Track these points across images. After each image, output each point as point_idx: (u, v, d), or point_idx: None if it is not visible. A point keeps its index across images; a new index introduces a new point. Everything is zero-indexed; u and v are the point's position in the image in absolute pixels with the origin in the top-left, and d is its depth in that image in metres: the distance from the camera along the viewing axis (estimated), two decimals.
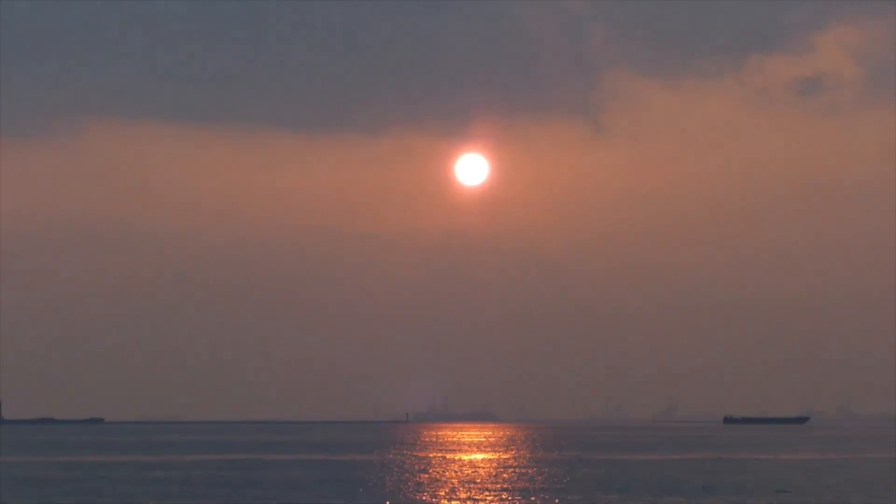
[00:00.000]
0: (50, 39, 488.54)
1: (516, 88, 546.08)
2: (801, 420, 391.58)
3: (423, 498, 66.33)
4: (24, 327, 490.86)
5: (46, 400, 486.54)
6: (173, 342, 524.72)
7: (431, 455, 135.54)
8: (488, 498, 66.22)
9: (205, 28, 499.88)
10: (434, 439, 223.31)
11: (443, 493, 70.20)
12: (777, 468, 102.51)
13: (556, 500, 63.52)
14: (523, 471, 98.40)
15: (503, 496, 67.57)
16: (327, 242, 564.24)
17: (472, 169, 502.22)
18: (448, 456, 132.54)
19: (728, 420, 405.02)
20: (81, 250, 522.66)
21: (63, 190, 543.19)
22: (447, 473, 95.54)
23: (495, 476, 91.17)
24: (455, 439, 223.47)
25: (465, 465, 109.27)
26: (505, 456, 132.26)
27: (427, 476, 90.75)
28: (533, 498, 65.78)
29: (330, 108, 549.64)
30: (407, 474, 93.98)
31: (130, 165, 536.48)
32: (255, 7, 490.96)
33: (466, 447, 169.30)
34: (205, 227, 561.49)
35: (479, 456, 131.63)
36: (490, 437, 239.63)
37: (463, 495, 66.65)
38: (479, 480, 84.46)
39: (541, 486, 77.40)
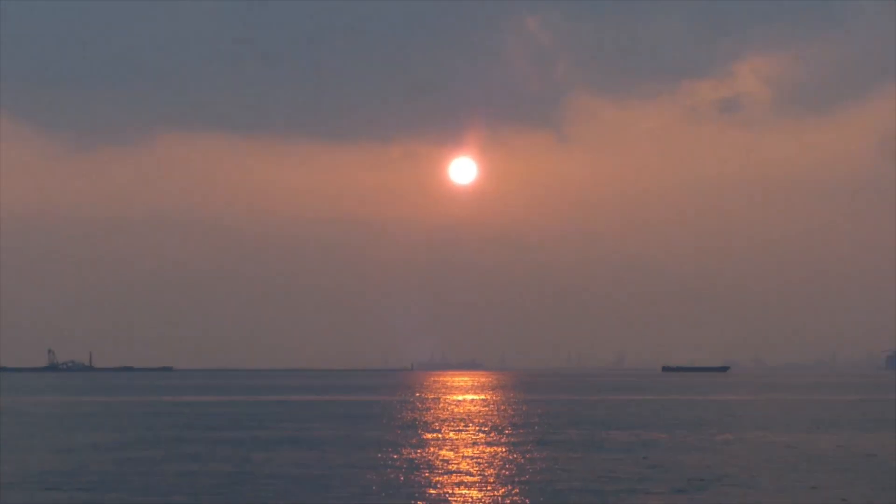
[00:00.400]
0: (128, 65, 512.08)
1: (498, 106, 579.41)
2: (723, 369, 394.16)
3: (426, 428, 72.08)
4: (109, 295, 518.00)
5: (127, 352, 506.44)
6: (227, 306, 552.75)
7: (430, 396, 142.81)
8: (473, 429, 71.82)
9: (253, 61, 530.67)
10: (433, 383, 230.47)
11: (439, 426, 75.96)
12: (700, 407, 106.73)
13: (524, 433, 68.01)
14: (501, 408, 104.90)
15: (484, 429, 71.91)
16: (347, 227, 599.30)
17: (463, 170, 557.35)
18: (443, 397, 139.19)
19: (666, 369, 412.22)
20: (154, 233, 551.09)
21: (141, 185, 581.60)
22: (442, 409, 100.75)
23: (479, 412, 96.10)
24: (449, 384, 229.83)
25: (457, 404, 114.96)
26: (487, 396, 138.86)
27: (429, 413, 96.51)
28: (507, 430, 70.59)
29: (350, 122, 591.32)
30: (414, 410, 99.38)
31: (193, 167, 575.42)
32: (299, 42, 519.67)
33: (458, 390, 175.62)
34: (248, 213, 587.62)
35: (468, 396, 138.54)
36: (476, 382, 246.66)
37: (454, 426, 73.10)
38: (467, 416, 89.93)
39: (512, 420, 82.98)
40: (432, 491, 37.87)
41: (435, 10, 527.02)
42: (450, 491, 37.91)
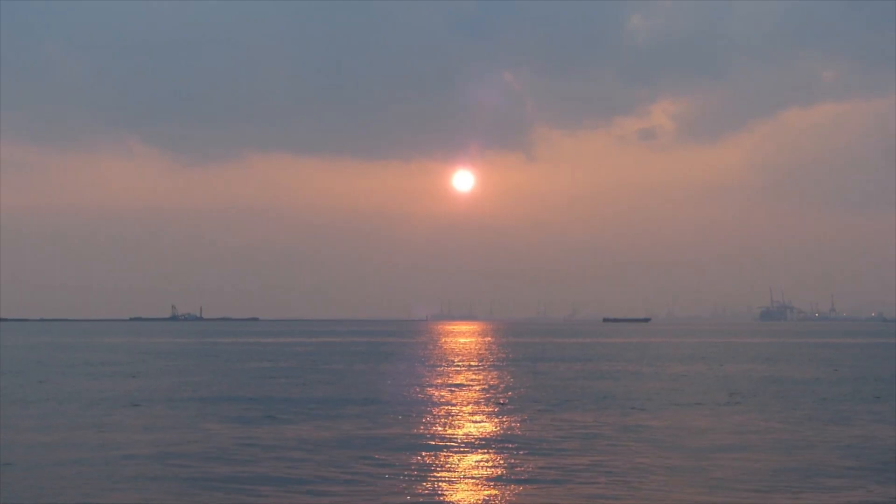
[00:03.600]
0: (225, 103, 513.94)
1: (487, 134, 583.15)
2: (646, 320, 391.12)
3: (438, 361, 73.15)
4: (214, 265, 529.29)
5: (227, 306, 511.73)
6: (296, 273, 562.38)
7: (441, 338, 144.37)
8: (467, 362, 73.25)
9: (313, 99, 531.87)
10: (442, 330, 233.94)
11: (446, 358, 77.64)
12: (630, 347, 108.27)
13: (505, 364, 69.61)
14: (490, 347, 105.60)
15: (475, 361, 73.49)
16: (380, 220, 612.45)
17: (464, 180, 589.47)
18: (449, 338, 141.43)
19: (606, 320, 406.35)
20: (243, 222, 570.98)
21: (236, 190, 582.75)
22: (449, 347, 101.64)
23: (474, 349, 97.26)
24: (454, 329, 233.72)
25: (459, 343, 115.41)
26: (480, 339, 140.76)
27: (438, 348, 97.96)
28: (492, 362, 71.91)
29: (380, 145, 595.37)
30: (429, 347, 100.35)
31: (271, 177, 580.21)
32: (343, 86, 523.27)
33: (460, 334, 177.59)
34: (310, 209, 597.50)
35: (466, 339, 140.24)
36: (473, 329, 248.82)
37: (457, 363, 74.38)
38: (465, 352, 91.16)
39: (497, 355, 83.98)
40: (439, 381, 38.82)
41: (437, 68, 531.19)
42: (452, 390, 38.66)
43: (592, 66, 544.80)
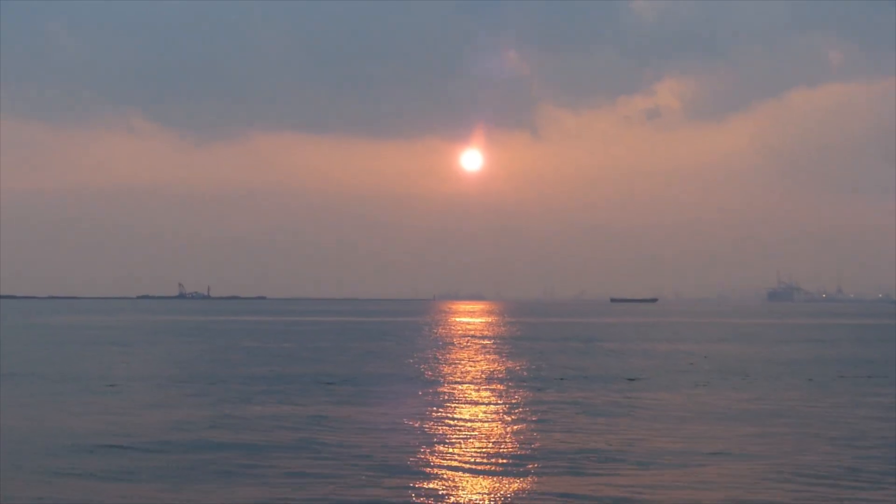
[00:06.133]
0: (231, 82, 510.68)
1: (495, 114, 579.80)
2: (653, 300, 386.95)
3: (446, 341, 73.68)
4: (221, 245, 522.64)
5: (234, 285, 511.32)
6: (303, 253, 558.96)
7: (448, 318, 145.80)
8: (477, 339, 73.56)
9: (322, 79, 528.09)
10: (449, 309, 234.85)
11: (453, 339, 78.20)
12: (638, 327, 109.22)
13: (509, 345, 68.72)
14: (495, 326, 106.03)
15: (483, 342, 73.80)
16: (390, 199, 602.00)
17: (472, 160, 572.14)
18: (456, 318, 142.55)
19: (613, 300, 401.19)
20: (248, 202, 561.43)
21: (242, 169, 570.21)
22: (456, 327, 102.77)
23: (481, 328, 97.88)
24: (461, 309, 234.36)
25: (466, 323, 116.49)
26: (486, 319, 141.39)
27: (445, 329, 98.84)
28: (500, 340, 72.38)
29: (388, 126, 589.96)
30: (436, 327, 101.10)
31: (278, 156, 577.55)
32: (355, 64, 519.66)
33: (467, 313, 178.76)
34: (318, 189, 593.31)
35: (474, 320, 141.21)
36: (480, 309, 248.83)
37: (464, 342, 74.56)
38: (472, 331, 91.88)
39: (502, 333, 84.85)
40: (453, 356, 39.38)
41: (443, 47, 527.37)
42: (461, 364, 39.18)
43: (597, 46, 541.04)
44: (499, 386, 34.92)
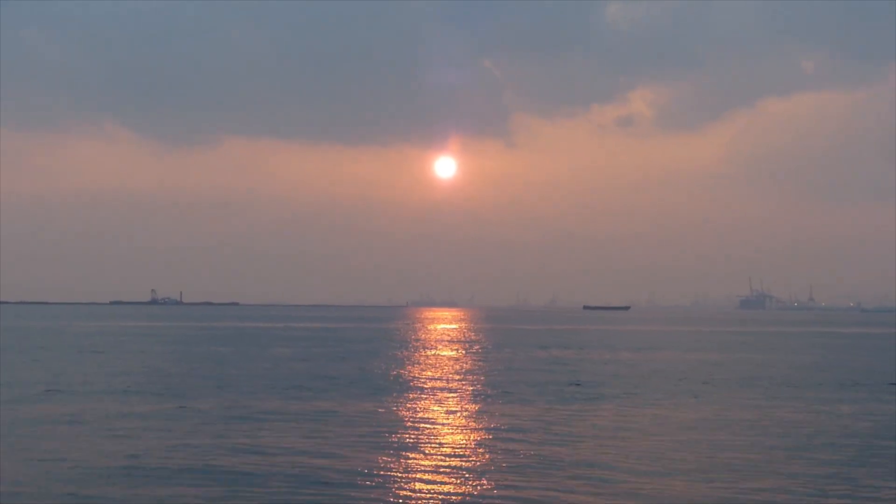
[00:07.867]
0: (200, 87, 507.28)
1: (469, 121, 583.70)
2: (626, 308, 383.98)
3: (418, 346, 73.22)
4: (193, 251, 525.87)
5: (207, 291, 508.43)
6: (273, 260, 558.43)
7: (420, 324, 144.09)
8: (451, 346, 73.57)
9: (292, 84, 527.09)
10: (422, 316, 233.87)
11: (428, 344, 77.96)
12: (609, 334, 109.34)
13: (482, 349, 69.91)
14: (468, 333, 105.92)
15: (456, 346, 73.74)
16: (363, 206, 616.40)
17: (446, 167, 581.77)
18: (430, 325, 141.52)
19: (586, 307, 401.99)
20: (219, 209, 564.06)
21: (212, 175, 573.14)
22: (430, 333, 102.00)
23: (454, 335, 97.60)
24: (434, 316, 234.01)
25: (440, 329, 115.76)
26: (459, 325, 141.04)
27: (419, 335, 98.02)
28: (476, 347, 72.34)
29: (362, 131, 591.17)
30: (409, 332, 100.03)
31: (248, 161, 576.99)
32: (326, 70, 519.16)
33: (441, 320, 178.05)
34: (288, 196, 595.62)
35: (447, 326, 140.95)
36: (453, 316, 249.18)
37: (439, 346, 74.73)
38: (447, 337, 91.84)
39: (475, 341, 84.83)
40: (431, 360, 39.54)
41: (420, 56, 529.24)
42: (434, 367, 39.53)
43: (571, 54, 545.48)
44: (454, 395, 34.96)
